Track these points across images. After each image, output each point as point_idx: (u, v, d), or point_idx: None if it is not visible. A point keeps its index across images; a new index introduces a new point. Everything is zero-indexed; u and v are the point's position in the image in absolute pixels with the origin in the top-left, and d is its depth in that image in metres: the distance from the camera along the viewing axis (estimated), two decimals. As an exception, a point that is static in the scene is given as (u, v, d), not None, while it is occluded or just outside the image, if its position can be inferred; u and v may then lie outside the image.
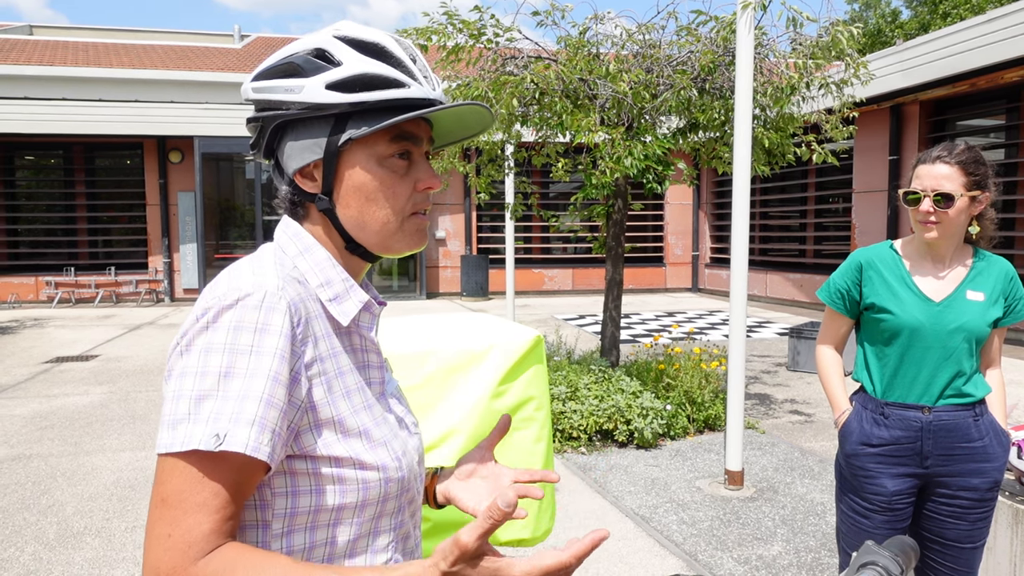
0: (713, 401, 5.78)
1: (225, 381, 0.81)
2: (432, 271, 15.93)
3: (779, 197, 14.66)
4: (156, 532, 0.79)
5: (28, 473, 4.75)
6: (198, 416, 0.79)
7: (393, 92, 0.92)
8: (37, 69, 14.18)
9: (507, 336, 1.80)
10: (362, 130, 0.92)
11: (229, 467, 0.81)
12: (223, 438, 0.79)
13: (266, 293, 0.85)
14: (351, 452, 0.90)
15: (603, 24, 5.96)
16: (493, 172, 6.68)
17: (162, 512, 0.79)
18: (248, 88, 0.96)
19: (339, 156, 0.94)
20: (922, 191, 2.03)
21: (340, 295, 0.96)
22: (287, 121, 0.94)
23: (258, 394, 0.81)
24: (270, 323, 0.84)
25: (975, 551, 2.12)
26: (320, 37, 0.95)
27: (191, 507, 0.79)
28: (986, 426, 2.08)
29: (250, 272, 0.88)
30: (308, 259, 0.96)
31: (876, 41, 28.60)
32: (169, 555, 0.78)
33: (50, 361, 8.59)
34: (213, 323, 0.83)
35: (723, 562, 3.50)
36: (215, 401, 0.80)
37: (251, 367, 0.82)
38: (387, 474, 0.93)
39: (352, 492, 0.91)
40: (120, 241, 15.30)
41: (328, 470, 0.89)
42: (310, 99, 0.91)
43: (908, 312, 2.07)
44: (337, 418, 0.90)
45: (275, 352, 0.83)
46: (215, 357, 0.82)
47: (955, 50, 9.38)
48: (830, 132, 5.98)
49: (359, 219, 0.95)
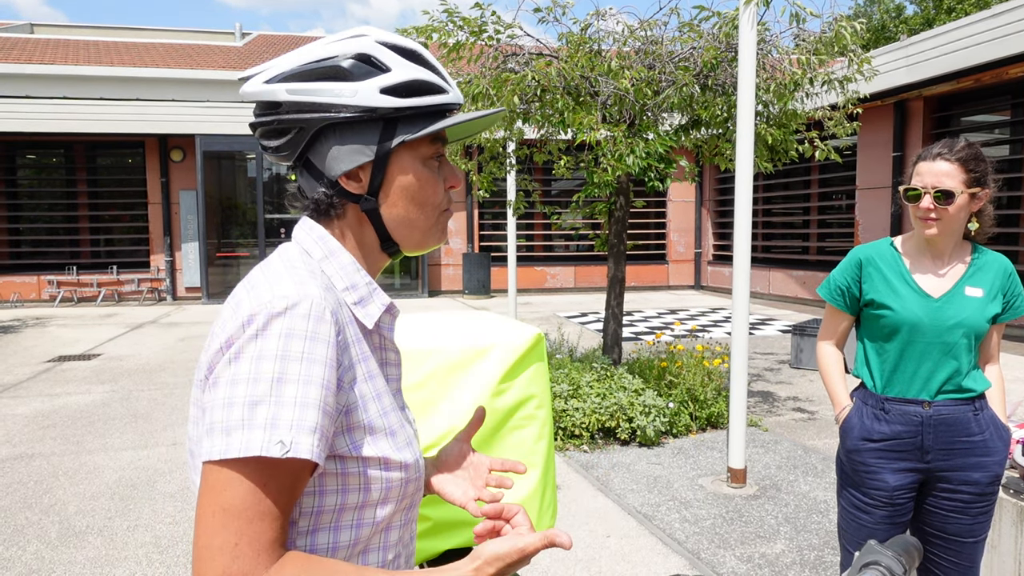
0: (716, 399, 5.77)
1: (279, 387, 0.81)
2: (434, 269, 15.93)
3: (782, 194, 14.63)
4: (219, 542, 0.78)
5: (30, 472, 4.76)
6: (253, 422, 0.80)
7: (438, 98, 0.98)
8: (38, 68, 14.19)
9: (508, 334, 1.80)
10: (417, 134, 0.96)
11: (290, 473, 0.82)
12: (289, 445, 0.79)
13: (313, 302, 0.86)
14: (378, 452, 0.93)
15: (605, 20, 5.94)
16: (495, 169, 6.67)
17: (225, 521, 0.79)
18: (277, 89, 0.95)
19: (388, 158, 0.97)
20: (922, 188, 2.04)
21: (364, 298, 0.98)
22: (330, 124, 0.95)
23: (315, 401, 0.83)
24: (319, 332, 0.85)
25: (976, 545, 2.12)
26: (362, 43, 0.96)
27: (256, 515, 0.80)
28: (986, 420, 2.09)
29: (291, 280, 0.89)
30: (334, 263, 0.97)
31: (880, 37, 28.54)
32: (239, 564, 0.78)
33: (52, 360, 8.60)
34: (263, 330, 0.83)
35: (726, 560, 3.49)
36: (271, 407, 0.80)
37: (304, 374, 0.83)
38: (408, 473, 0.97)
39: (376, 491, 0.93)
40: (122, 240, 15.31)
41: (355, 470, 0.91)
42: (365, 103, 0.93)
43: (908, 308, 2.08)
44: (367, 421, 0.92)
45: (326, 361, 0.85)
46: (267, 363, 0.82)
47: (959, 46, 9.35)
48: (833, 128, 5.96)
49: (405, 218, 0.99)
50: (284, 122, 0.96)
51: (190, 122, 14.01)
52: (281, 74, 0.95)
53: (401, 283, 15.93)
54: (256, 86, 0.96)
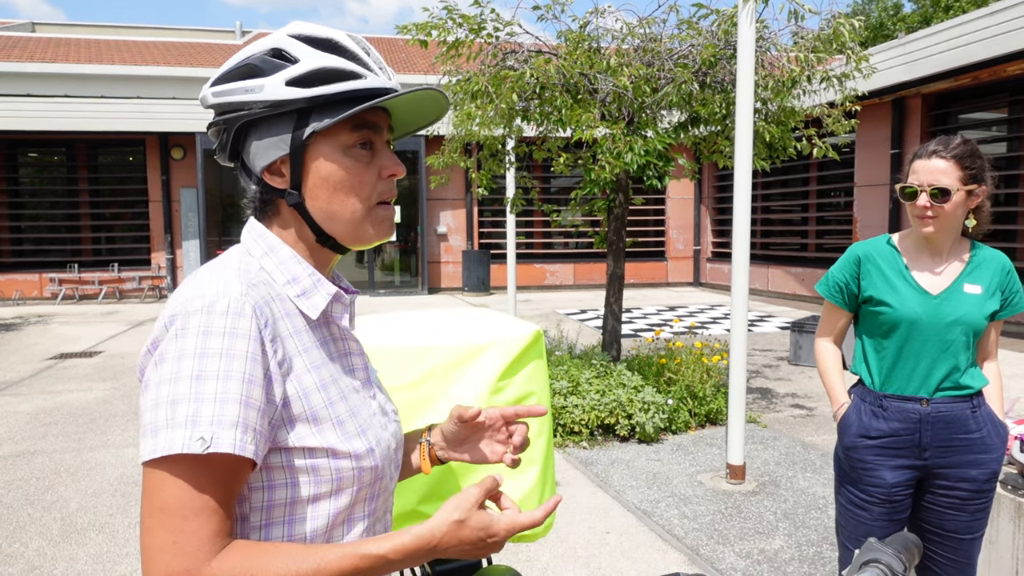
0: (714, 395, 5.78)
1: (198, 384, 0.82)
2: (433, 266, 15.93)
3: (781, 191, 14.63)
4: (159, 541, 0.80)
5: (32, 469, 4.77)
6: (175, 421, 0.81)
7: (350, 84, 0.95)
8: (39, 66, 14.19)
9: (507, 331, 1.81)
10: (324, 122, 0.94)
11: (220, 468, 0.83)
12: (210, 441, 0.81)
13: (231, 299, 0.87)
14: (324, 443, 0.92)
15: (604, 18, 5.95)
16: (494, 167, 6.68)
17: (162, 520, 0.81)
18: (207, 94, 0.98)
19: (304, 150, 0.96)
20: (919, 186, 2.04)
21: (308, 290, 0.98)
22: (250, 121, 0.96)
23: (236, 396, 0.83)
24: (238, 328, 0.86)
25: (974, 542, 2.13)
26: (276, 37, 0.97)
27: (192, 511, 0.81)
28: (984, 417, 2.10)
29: (212, 279, 0.90)
30: (273, 258, 0.98)
31: (878, 34, 28.51)
32: (179, 559, 0.80)
33: (54, 357, 8.61)
34: (182, 330, 0.85)
35: (725, 556, 3.51)
36: (191, 404, 0.82)
37: (224, 370, 0.84)
38: (360, 463, 0.95)
39: (326, 482, 0.93)
40: (123, 238, 15.32)
41: (302, 462, 0.91)
42: (272, 96, 0.93)
43: (906, 305, 2.08)
44: (310, 411, 0.92)
45: (246, 355, 0.85)
46: (187, 362, 0.83)
47: (957, 43, 9.34)
48: (831, 126, 5.97)
49: (328, 210, 0.97)
50: (215, 123, 0.99)
51: (191, 120, 14.00)
52: (215, 77, 0.99)
53: (400, 280, 15.93)
54: (203, 91, 1.00)
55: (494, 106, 5.39)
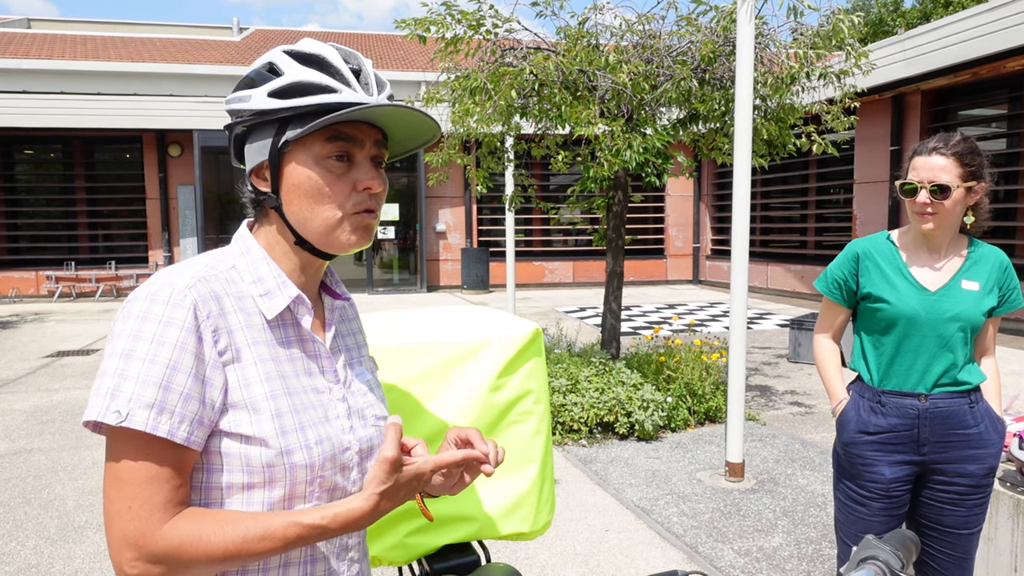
0: (714, 393, 5.78)
1: (126, 362, 0.90)
2: (432, 264, 15.92)
3: (780, 188, 14.63)
4: (116, 507, 0.89)
5: (29, 467, 4.76)
6: (99, 390, 0.90)
7: (323, 97, 1.00)
8: (35, 63, 14.14)
9: (505, 329, 1.80)
10: (296, 131, 1.00)
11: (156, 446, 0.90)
12: (125, 416, 0.88)
13: (174, 290, 0.94)
14: (258, 432, 0.97)
15: (602, 15, 5.94)
16: (492, 164, 6.66)
17: (119, 488, 0.90)
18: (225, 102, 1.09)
19: (282, 157, 1.03)
20: (918, 182, 2.04)
21: (271, 291, 1.04)
22: (248, 128, 1.05)
23: (156, 380, 0.90)
24: (174, 317, 0.93)
25: (972, 537, 2.14)
26: (273, 53, 1.06)
27: (143, 480, 0.90)
28: (981, 413, 2.11)
29: (172, 271, 0.99)
30: (246, 258, 1.05)
31: (878, 30, 28.50)
32: (135, 524, 0.89)
33: (51, 355, 8.60)
34: (128, 314, 0.94)
35: (724, 554, 3.51)
36: (114, 379, 0.90)
37: (151, 354, 0.91)
38: (291, 459, 0.99)
39: (258, 471, 0.97)
40: (120, 235, 15.29)
41: (237, 448, 0.96)
42: (256, 106, 1.01)
43: (904, 302, 2.08)
44: (249, 400, 0.98)
45: (175, 343, 0.92)
46: (121, 342, 0.92)
47: (957, 39, 9.34)
48: (831, 123, 5.96)
49: (301, 215, 1.03)
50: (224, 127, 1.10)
51: (188, 117, 13.97)
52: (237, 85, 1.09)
53: (399, 278, 15.92)
54: None
55: (492, 103, 5.37)
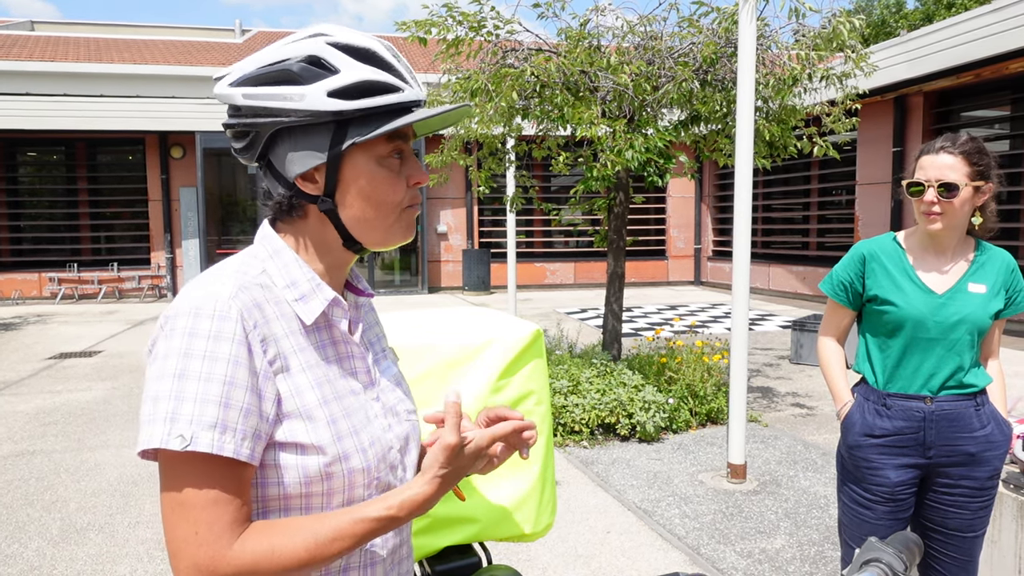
0: (715, 394, 5.77)
1: (180, 383, 0.85)
2: (434, 265, 15.92)
3: (782, 189, 14.62)
4: (181, 534, 0.85)
5: (32, 469, 4.76)
6: (155, 415, 0.85)
7: (390, 97, 0.96)
8: (38, 65, 14.16)
9: (506, 330, 1.79)
10: (368, 135, 0.95)
11: (217, 465, 0.86)
12: (189, 440, 0.84)
13: (217, 302, 0.89)
14: (316, 439, 0.94)
15: (604, 16, 5.93)
16: (494, 165, 6.66)
17: (182, 514, 0.85)
18: (235, 94, 0.96)
19: (341, 159, 0.97)
20: (926, 182, 2.02)
21: (306, 295, 0.99)
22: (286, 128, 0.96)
23: (215, 398, 0.86)
24: (223, 331, 0.88)
25: (976, 540, 2.13)
26: (312, 44, 0.96)
27: (207, 504, 0.85)
28: (987, 415, 2.09)
29: (208, 281, 0.93)
30: (276, 262, 0.99)
31: (880, 32, 28.47)
32: (204, 549, 0.85)
33: (53, 357, 8.60)
34: (172, 331, 0.88)
35: (726, 556, 3.50)
36: (171, 402, 0.85)
37: (206, 372, 0.86)
38: (349, 464, 0.96)
39: (316, 481, 0.94)
40: (123, 237, 15.31)
41: (293, 459, 0.93)
42: (313, 107, 0.93)
43: (911, 304, 2.07)
44: (303, 408, 0.94)
45: (228, 358, 0.88)
46: (171, 361, 0.87)
47: (959, 40, 9.33)
48: (831, 125, 5.95)
49: (362, 217, 0.99)
50: (243, 125, 0.98)
51: (190, 119, 13.99)
52: (242, 77, 0.96)
53: (401, 279, 15.92)
54: (222, 88, 0.98)
55: (494, 104, 5.37)
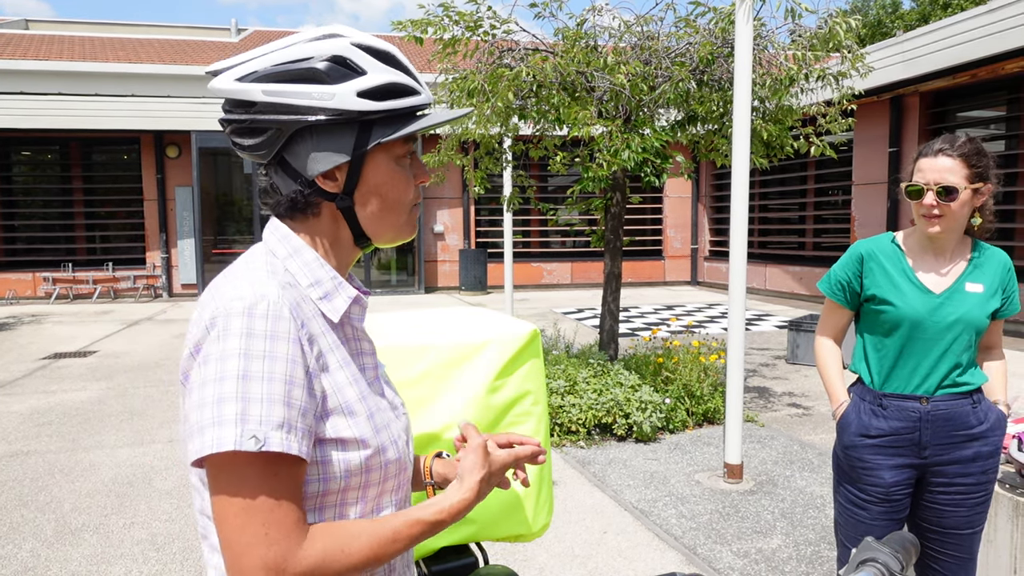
0: (712, 394, 5.77)
1: (244, 384, 0.85)
2: (430, 265, 15.91)
3: (778, 190, 14.64)
4: (249, 535, 0.85)
5: (26, 470, 4.74)
6: (222, 418, 0.84)
7: (411, 99, 1.00)
8: (33, 64, 14.11)
9: (503, 330, 1.79)
10: (391, 136, 0.98)
11: (284, 464, 0.87)
12: (263, 440, 0.84)
13: (270, 302, 0.90)
14: (359, 434, 0.96)
15: (601, 16, 5.93)
16: (490, 165, 6.65)
17: (250, 515, 0.85)
18: (253, 89, 0.95)
19: (364, 159, 0.99)
20: (925, 184, 2.02)
21: (330, 293, 1.01)
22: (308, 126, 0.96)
23: (280, 397, 0.87)
24: (279, 330, 0.89)
25: (975, 536, 2.13)
26: (337, 44, 0.97)
27: (273, 503, 0.86)
28: (984, 411, 2.10)
29: (249, 280, 0.93)
30: (298, 260, 1.00)
31: (876, 32, 28.53)
32: (275, 549, 0.84)
33: (48, 357, 8.57)
34: (225, 332, 0.88)
35: (722, 555, 3.50)
36: (239, 403, 0.85)
37: (267, 371, 0.87)
38: (386, 456, 1.00)
39: (356, 474, 0.97)
40: (118, 236, 15.27)
41: (336, 454, 0.95)
42: (342, 106, 0.95)
43: (909, 304, 2.07)
44: (345, 404, 0.96)
45: (287, 357, 0.89)
46: (232, 363, 0.86)
47: (955, 41, 9.34)
48: (827, 125, 5.95)
49: (379, 216, 1.02)
50: (259, 122, 0.96)
51: (186, 118, 13.96)
52: (255, 73, 0.96)
53: (397, 279, 15.91)
54: (228, 83, 0.96)
55: (490, 104, 5.36)
